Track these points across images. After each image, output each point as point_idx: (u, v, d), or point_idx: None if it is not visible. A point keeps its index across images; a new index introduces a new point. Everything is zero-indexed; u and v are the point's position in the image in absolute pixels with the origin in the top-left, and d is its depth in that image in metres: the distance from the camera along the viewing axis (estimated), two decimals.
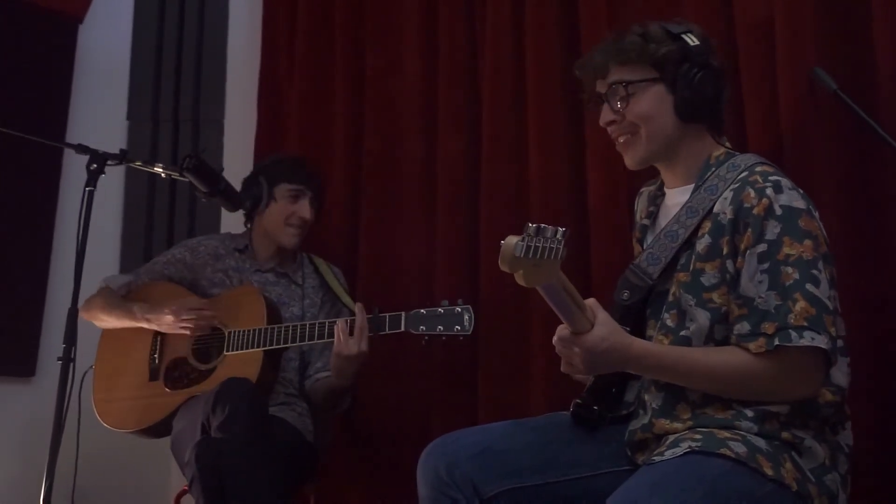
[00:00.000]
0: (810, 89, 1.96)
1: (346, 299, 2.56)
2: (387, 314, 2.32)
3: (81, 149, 2.11)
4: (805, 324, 1.46)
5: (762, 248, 1.52)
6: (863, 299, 1.90)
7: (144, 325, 2.48)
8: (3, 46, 3.07)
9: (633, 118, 1.69)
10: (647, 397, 1.64)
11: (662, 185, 1.80)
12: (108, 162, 2.09)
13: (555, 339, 1.52)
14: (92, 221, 2.04)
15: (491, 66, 2.65)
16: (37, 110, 3.10)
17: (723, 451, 1.45)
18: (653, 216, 1.81)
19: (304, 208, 2.59)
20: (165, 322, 2.44)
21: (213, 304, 2.52)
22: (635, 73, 1.68)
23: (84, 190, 2.05)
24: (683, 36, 1.67)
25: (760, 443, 1.49)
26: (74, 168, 2.94)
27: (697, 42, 1.67)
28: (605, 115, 1.73)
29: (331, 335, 2.31)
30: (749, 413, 1.52)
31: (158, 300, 2.52)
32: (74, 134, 3.12)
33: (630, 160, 1.74)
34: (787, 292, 1.48)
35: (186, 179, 2.22)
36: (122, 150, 2.14)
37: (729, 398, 1.54)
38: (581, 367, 1.51)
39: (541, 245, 1.21)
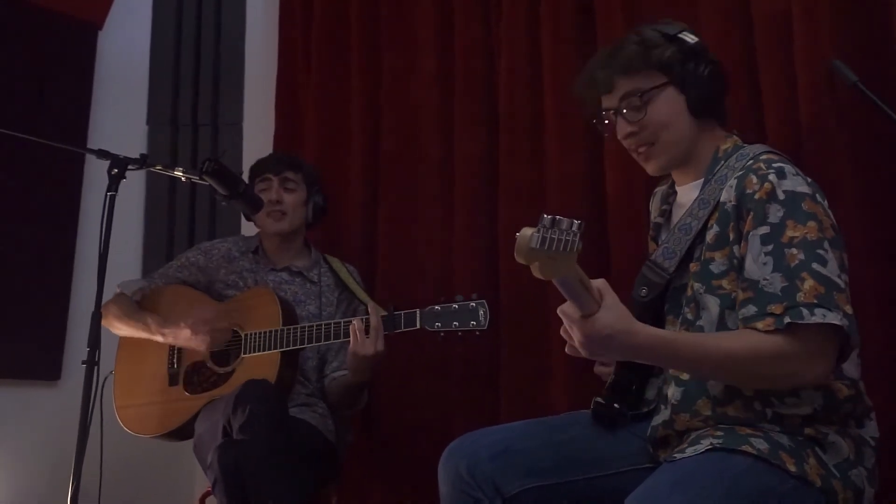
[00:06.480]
0: (829, 82, 1.94)
1: (363, 296, 2.57)
2: (402, 312, 2.33)
3: (102, 154, 2.12)
4: (815, 301, 1.43)
5: (765, 230, 1.50)
6: (884, 291, 1.88)
7: (160, 339, 2.48)
8: (24, 53, 3.10)
9: (653, 126, 1.68)
10: (667, 392, 1.63)
11: (674, 183, 1.80)
12: (129, 166, 2.10)
13: (559, 310, 1.42)
14: (114, 225, 2.05)
15: (507, 64, 2.65)
16: (58, 117, 3.13)
17: (744, 447, 1.44)
18: (666, 214, 1.81)
19: (271, 192, 2.61)
20: (182, 337, 2.45)
21: (228, 306, 2.54)
22: (645, 80, 1.68)
23: (105, 195, 2.06)
24: (680, 36, 1.68)
25: (783, 439, 1.48)
26: (96, 173, 2.97)
27: (697, 39, 1.68)
28: (623, 128, 1.71)
29: (346, 335, 2.32)
30: (769, 413, 1.51)
31: (172, 304, 2.55)
32: (95, 139, 3.15)
33: (653, 168, 1.74)
34: (793, 273, 1.46)
35: (206, 183, 2.23)
36: (142, 155, 2.15)
37: (745, 387, 1.52)
38: (580, 350, 1.44)
39: (556, 237, 1.20)
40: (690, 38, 1.68)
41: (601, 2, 2.46)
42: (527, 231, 1.21)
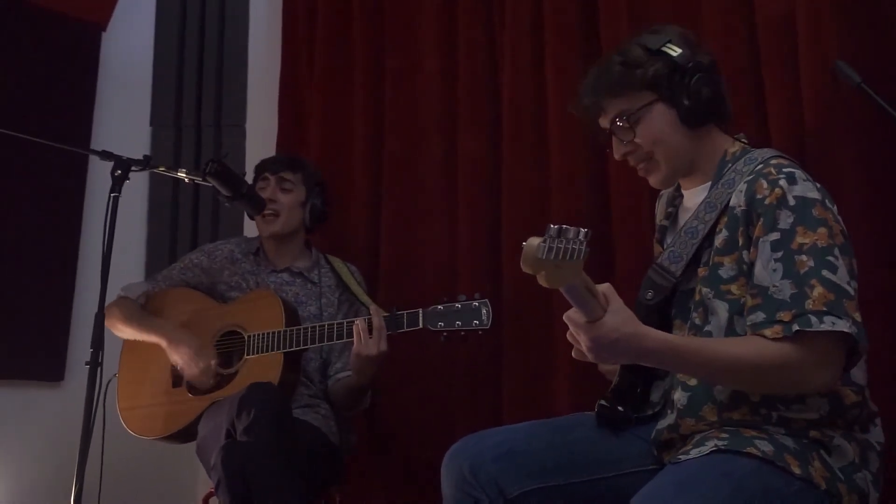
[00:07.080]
0: (833, 83, 1.94)
1: (364, 297, 2.57)
2: (404, 312, 2.33)
3: (106, 155, 2.13)
4: (824, 308, 1.42)
5: (775, 236, 1.50)
6: (888, 295, 1.87)
7: (163, 344, 2.48)
8: (28, 55, 3.11)
9: (645, 144, 1.68)
10: (674, 396, 1.62)
11: (680, 186, 1.79)
12: (133, 168, 2.11)
13: (564, 316, 1.43)
14: (117, 227, 2.06)
15: (510, 64, 2.65)
16: (62, 117, 3.14)
17: (749, 449, 1.44)
18: (672, 217, 1.80)
19: (267, 191, 2.61)
20: (180, 354, 2.44)
21: (232, 307, 2.55)
22: (632, 101, 1.67)
23: (109, 196, 2.06)
24: (664, 49, 1.65)
25: (788, 441, 1.48)
26: (99, 174, 2.97)
27: (680, 49, 1.65)
28: (618, 149, 1.72)
29: (350, 335, 2.32)
30: (774, 417, 1.51)
31: (176, 307, 2.55)
32: (99, 140, 3.16)
33: (656, 182, 1.74)
34: (802, 280, 1.45)
35: (209, 184, 2.24)
36: (145, 156, 2.15)
37: (752, 392, 1.51)
38: (588, 355, 1.45)
39: (563, 246, 1.20)
40: (674, 49, 1.65)
41: (605, 2, 2.45)
42: (533, 241, 1.21)
